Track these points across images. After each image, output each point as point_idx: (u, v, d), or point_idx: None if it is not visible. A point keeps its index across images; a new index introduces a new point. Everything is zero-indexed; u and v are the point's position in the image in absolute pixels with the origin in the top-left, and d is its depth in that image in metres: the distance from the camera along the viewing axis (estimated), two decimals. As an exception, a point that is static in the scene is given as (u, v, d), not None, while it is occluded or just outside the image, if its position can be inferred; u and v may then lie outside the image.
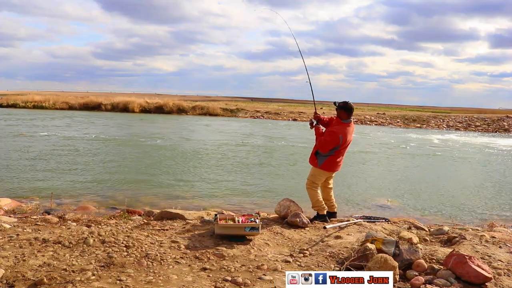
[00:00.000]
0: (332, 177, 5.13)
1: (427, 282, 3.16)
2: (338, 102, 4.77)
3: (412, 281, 3.20)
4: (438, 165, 13.30)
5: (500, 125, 31.53)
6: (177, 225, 4.56)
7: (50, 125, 19.94)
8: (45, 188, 7.42)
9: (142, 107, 33.66)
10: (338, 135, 4.66)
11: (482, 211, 7.26)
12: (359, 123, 31.00)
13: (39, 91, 58.91)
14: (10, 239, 3.74)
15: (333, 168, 4.89)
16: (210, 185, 8.41)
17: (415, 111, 44.56)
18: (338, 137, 4.66)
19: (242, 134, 19.71)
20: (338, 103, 4.76)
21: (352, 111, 4.81)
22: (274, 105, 49.37)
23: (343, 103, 4.73)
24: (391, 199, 7.75)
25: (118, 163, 10.61)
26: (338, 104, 4.75)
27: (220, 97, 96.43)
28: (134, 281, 2.99)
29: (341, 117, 4.78)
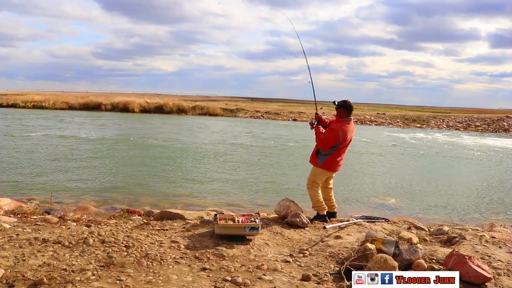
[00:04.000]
0: (332, 177, 5.15)
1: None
2: (337, 101, 4.82)
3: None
4: (438, 165, 13.30)
5: (500, 125, 31.52)
6: (177, 225, 4.56)
7: (50, 125, 19.94)
8: (45, 188, 7.42)
9: (142, 107, 33.65)
10: (338, 132, 4.69)
11: (482, 211, 7.27)
12: (359, 123, 30.99)
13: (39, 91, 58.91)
14: (10, 239, 3.74)
15: (334, 168, 4.91)
16: (210, 185, 8.41)
17: (415, 111, 44.56)
18: (338, 134, 4.69)
19: (242, 134, 19.71)
20: (337, 102, 4.82)
21: (352, 110, 4.85)
22: (274, 105, 49.37)
23: (342, 101, 4.80)
24: (391, 199, 7.75)
25: (118, 163, 10.61)
26: (338, 103, 4.81)
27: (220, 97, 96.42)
28: (134, 281, 2.99)
29: (341, 115, 4.82)
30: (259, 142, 16.49)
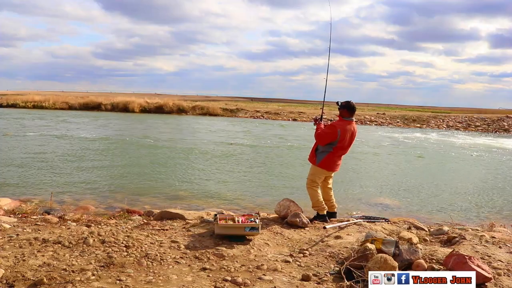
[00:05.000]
0: (331, 177, 5.17)
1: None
2: (340, 102, 4.86)
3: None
4: (438, 165, 13.30)
5: (500, 125, 31.51)
6: (177, 225, 4.56)
7: (50, 125, 19.94)
8: (45, 188, 7.42)
9: (142, 107, 33.64)
10: (337, 129, 4.72)
11: (482, 211, 7.27)
12: (359, 123, 30.99)
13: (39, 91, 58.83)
14: (10, 239, 3.74)
15: (331, 168, 4.93)
16: (210, 185, 8.41)
17: (415, 111, 44.53)
18: (336, 131, 4.71)
19: (242, 134, 19.71)
20: (340, 103, 4.85)
21: (354, 110, 4.88)
22: (274, 105, 49.35)
23: (345, 102, 4.84)
24: (391, 199, 7.75)
25: (117, 163, 10.61)
26: (341, 104, 4.84)
27: (220, 97, 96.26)
28: (134, 281, 2.99)
29: (343, 115, 4.86)
30: (259, 142, 16.49)
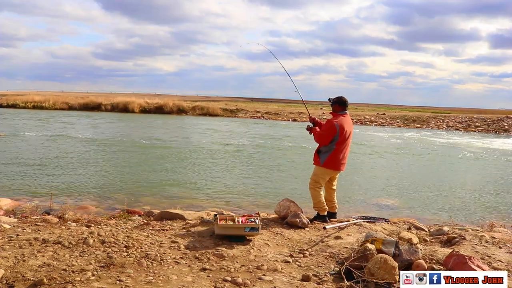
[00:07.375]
0: (336, 178, 5.09)
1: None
2: (332, 98, 4.89)
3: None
4: (438, 165, 13.30)
5: (500, 125, 31.51)
6: (177, 225, 4.56)
7: (49, 125, 19.94)
8: (45, 188, 7.42)
9: (142, 107, 33.65)
10: (334, 123, 4.72)
11: (482, 211, 7.27)
12: (359, 123, 31.01)
13: (39, 91, 58.86)
14: (10, 239, 3.74)
15: (337, 167, 4.84)
16: (210, 185, 8.41)
17: (415, 112, 44.54)
18: (334, 125, 4.70)
19: (242, 134, 19.71)
20: (332, 99, 4.89)
21: (346, 104, 4.88)
22: (274, 105, 49.35)
23: (336, 98, 4.88)
24: (391, 199, 7.75)
25: (117, 163, 10.62)
26: (332, 100, 4.88)
27: (220, 97, 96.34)
28: (134, 281, 2.99)
29: (336, 110, 4.88)
30: (259, 142, 16.49)
